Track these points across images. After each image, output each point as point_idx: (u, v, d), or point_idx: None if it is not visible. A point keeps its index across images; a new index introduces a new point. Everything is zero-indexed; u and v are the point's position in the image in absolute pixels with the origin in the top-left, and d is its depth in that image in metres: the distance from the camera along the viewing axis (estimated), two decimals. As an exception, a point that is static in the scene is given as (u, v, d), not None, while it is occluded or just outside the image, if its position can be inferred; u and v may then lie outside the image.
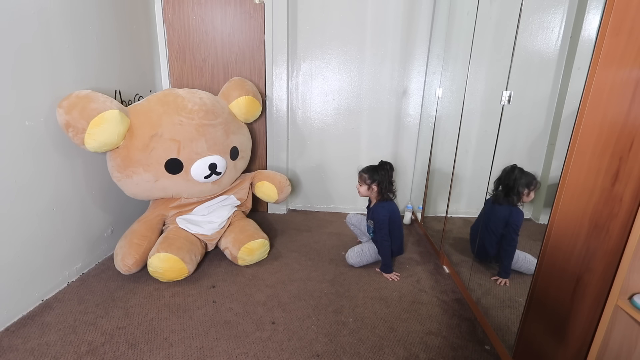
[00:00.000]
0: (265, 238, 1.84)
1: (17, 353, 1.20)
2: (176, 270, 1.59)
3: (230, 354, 1.23)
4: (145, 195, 1.79)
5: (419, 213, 2.43)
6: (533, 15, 1.43)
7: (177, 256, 1.58)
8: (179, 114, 1.69)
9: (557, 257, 1.01)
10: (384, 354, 1.26)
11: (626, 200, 0.92)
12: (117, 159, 1.64)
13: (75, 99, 1.45)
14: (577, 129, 0.91)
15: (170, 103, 1.70)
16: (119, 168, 1.66)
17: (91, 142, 1.48)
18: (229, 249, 1.79)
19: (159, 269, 1.57)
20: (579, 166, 0.93)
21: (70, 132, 1.45)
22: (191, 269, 1.64)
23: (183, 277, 1.63)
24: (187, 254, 1.63)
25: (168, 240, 1.63)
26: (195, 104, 1.75)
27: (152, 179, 1.70)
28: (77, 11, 1.59)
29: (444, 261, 1.89)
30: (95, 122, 1.45)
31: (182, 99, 1.73)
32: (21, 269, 1.39)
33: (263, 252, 1.84)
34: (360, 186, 1.84)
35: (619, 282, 0.93)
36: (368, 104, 2.45)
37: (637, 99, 0.86)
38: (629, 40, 0.83)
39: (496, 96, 1.36)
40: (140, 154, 1.64)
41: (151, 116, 1.66)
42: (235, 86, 2.00)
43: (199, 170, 1.76)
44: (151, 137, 1.64)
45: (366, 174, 1.81)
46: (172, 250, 1.58)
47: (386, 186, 1.78)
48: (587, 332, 1.04)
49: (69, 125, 1.44)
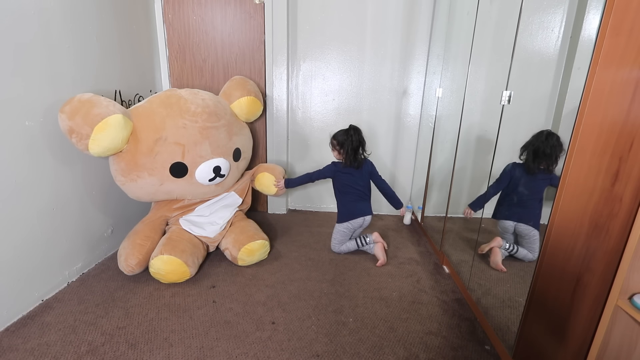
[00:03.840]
0: (266, 239, 1.84)
1: (17, 353, 1.20)
2: (178, 273, 1.59)
3: (230, 354, 1.23)
4: (149, 198, 1.79)
5: (419, 213, 2.43)
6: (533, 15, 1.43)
7: (180, 259, 1.57)
8: (183, 116, 1.67)
9: (557, 257, 1.01)
10: (384, 354, 1.26)
11: (626, 200, 0.92)
12: (121, 163, 1.63)
13: (78, 103, 1.43)
14: (577, 128, 0.91)
15: (173, 105, 1.68)
16: (123, 172, 1.65)
17: (95, 147, 1.47)
18: (229, 250, 1.78)
19: (161, 270, 1.56)
20: (579, 166, 0.93)
21: (73, 138, 1.43)
22: (193, 272, 1.64)
23: (184, 280, 1.63)
24: (190, 256, 1.63)
25: (171, 242, 1.63)
26: (199, 106, 1.73)
27: (157, 182, 1.69)
28: (77, 11, 1.59)
29: (444, 261, 1.89)
30: (99, 128, 1.43)
31: (185, 101, 1.71)
32: (21, 269, 1.39)
33: (263, 253, 1.84)
34: (332, 151, 1.94)
35: (619, 282, 0.93)
36: (368, 104, 2.45)
37: (637, 99, 0.86)
38: (629, 40, 0.83)
39: (496, 96, 1.36)
40: (145, 158, 1.63)
41: (154, 119, 1.64)
42: (236, 86, 1.99)
43: (204, 173, 1.76)
44: (155, 141, 1.62)
45: (334, 140, 1.90)
46: (175, 252, 1.58)
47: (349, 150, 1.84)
48: (587, 332, 1.04)
49: (72, 132, 1.42)
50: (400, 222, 2.52)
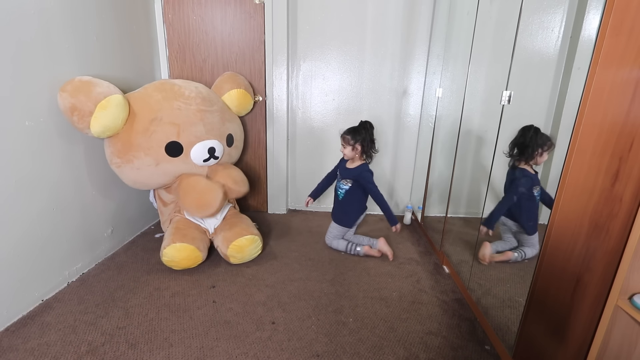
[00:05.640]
0: (256, 234, 1.80)
1: (17, 353, 1.20)
2: (192, 259, 1.69)
3: (230, 354, 1.23)
4: (146, 182, 1.79)
5: (419, 213, 2.43)
6: (533, 15, 1.43)
7: (192, 245, 1.67)
8: (177, 99, 1.76)
9: (557, 257, 1.01)
10: (384, 354, 1.26)
11: (626, 200, 0.92)
12: (117, 144, 1.66)
13: (79, 82, 1.46)
14: (577, 128, 0.91)
15: (167, 90, 1.77)
16: (119, 153, 1.67)
17: (96, 125, 1.50)
18: (220, 248, 1.79)
19: (175, 258, 1.66)
20: (579, 166, 0.93)
21: (75, 115, 1.45)
22: (204, 257, 1.76)
23: (196, 265, 1.74)
24: (201, 242, 1.74)
25: (181, 231, 1.72)
26: (192, 91, 1.82)
27: (153, 162, 1.72)
28: (77, 11, 1.59)
29: (444, 261, 1.89)
30: (102, 105, 1.48)
31: (178, 87, 1.80)
32: (21, 269, 1.39)
33: (254, 249, 1.81)
34: (345, 148, 1.89)
35: (619, 282, 0.93)
36: (368, 104, 2.45)
37: (637, 99, 0.86)
38: (629, 40, 0.83)
39: (496, 96, 1.36)
40: (141, 137, 1.66)
41: (150, 101, 1.70)
42: (227, 79, 2.09)
43: (199, 153, 1.81)
44: (151, 121, 1.67)
45: (348, 135, 1.87)
46: (186, 240, 1.67)
47: (368, 144, 1.85)
48: (587, 332, 1.04)
49: (74, 109, 1.44)
50: (400, 222, 2.52)
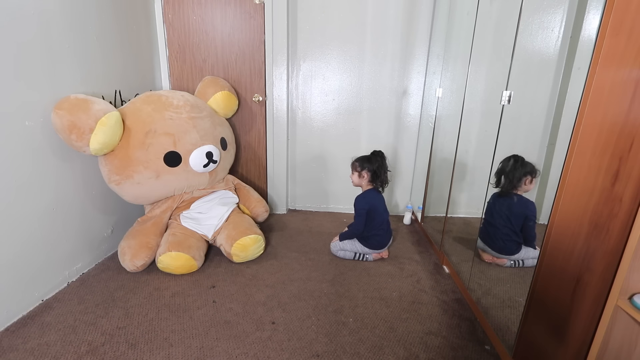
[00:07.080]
0: (259, 234, 1.84)
1: (17, 353, 1.20)
2: (187, 267, 1.69)
3: (230, 354, 1.23)
4: (147, 196, 1.79)
5: (419, 213, 2.43)
6: (533, 15, 1.43)
7: (187, 254, 1.66)
8: (167, 109, 1.76)
9: (557, 257, 1.01)
10: (384, 354, 1.26)
11: (626, 200, 0.92)
12: (115, 161, 1.65)
13: (76, 100, 1.45)
14: (577, 128, 0.91)
15: (156, 102, 1.77)
16: (118, 170, 1.66)
17: (95, 142, 1.49)
18: (223, 246, 1.81)
19: (170, 266, 1.66)
20: (579, 166, 0.93)
21: (74, 133, 1.43)
22: (200, 265, 1.75)
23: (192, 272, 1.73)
24: (197, 251, 1.73)
25: (177, 239, 1.70)
26: (180, 100, 1.84)
27: (154, 175, 1.71)
28: (77, 11, 1.59)
29: (444, 261, 1.89)
30: (103, 122, 1.48)
31: (166, 97, 1.81)
32: (21, 269, 1.39)
33: (257, 248, 1.83)
34: (352, 174, 1.91)
35: (619, 282, 0.93)
36: (368, 104, 2.45)
37: (637, 99, 0.86)
38: (629, 40, 0.83)
39: (496, 96, 1.36)
40: (139, 151, 1.66)
41: (141, 115, 1.70)
42: (209, 84, 2.10)
43: (197, 159, 1.81)
44: (146, 134, 1.67)
45: (357, 162, 1.89)
46: (182, 249, 1.66)
47: (378, 174, 1.85)
48: (587, 332, 1.04)
49: (73, 127, 1.42)
50: (400, 222, 2.52)
